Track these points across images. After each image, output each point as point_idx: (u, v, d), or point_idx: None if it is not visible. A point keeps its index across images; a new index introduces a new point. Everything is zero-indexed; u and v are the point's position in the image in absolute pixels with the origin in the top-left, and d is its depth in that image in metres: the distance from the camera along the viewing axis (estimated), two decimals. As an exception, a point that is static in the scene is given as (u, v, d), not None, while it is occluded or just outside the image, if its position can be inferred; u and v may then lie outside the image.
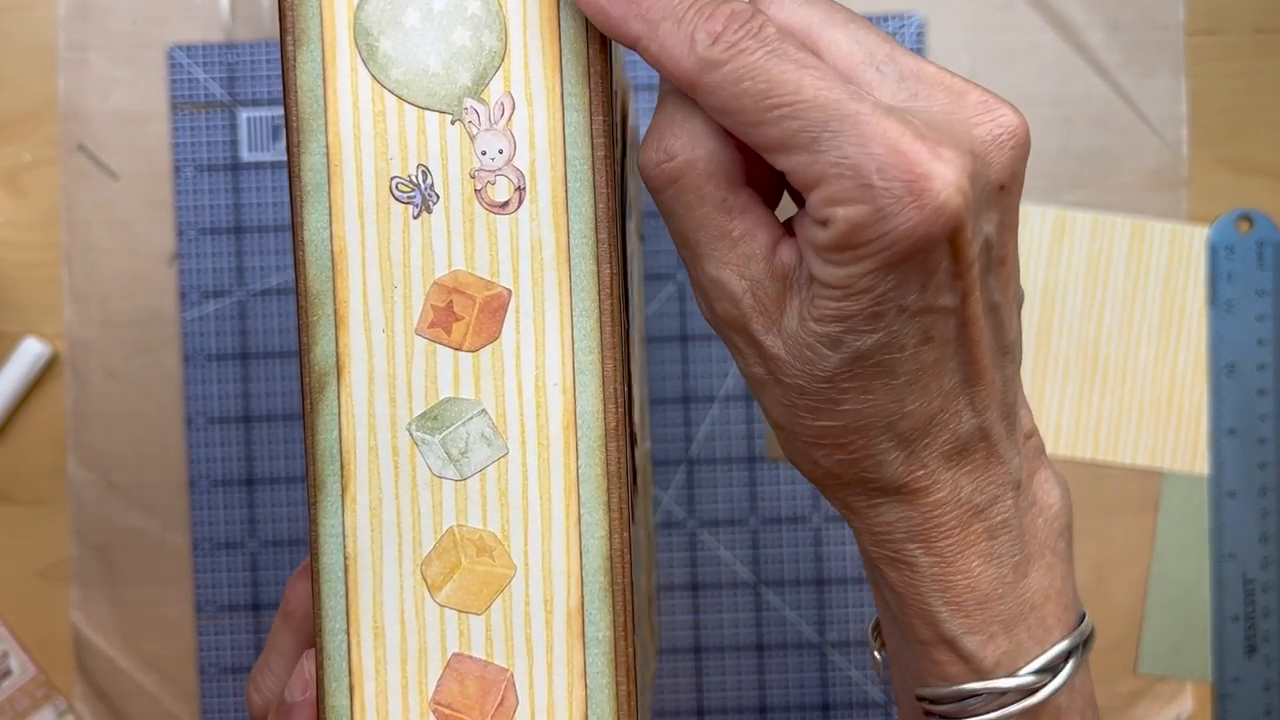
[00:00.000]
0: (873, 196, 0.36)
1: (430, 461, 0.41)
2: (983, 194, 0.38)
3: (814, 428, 0.41)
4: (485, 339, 0.41)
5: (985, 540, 0.42)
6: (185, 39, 0.68)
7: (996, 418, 0.42)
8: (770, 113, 0.37)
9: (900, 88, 0.39)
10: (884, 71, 0.39)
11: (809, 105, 0.37)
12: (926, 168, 0.36)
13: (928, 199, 0.36)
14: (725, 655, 0.69)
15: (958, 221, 0.37)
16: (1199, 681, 0.68)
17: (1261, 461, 0.67)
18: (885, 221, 0.36)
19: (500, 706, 0.41)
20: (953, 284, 0.38)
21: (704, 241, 0.40)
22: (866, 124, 0.36)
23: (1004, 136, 0.39)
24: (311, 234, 0.40)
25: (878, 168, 0.36)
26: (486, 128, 0.40)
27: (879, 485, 0.42)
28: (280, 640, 0.46)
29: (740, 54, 0.37)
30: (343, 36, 0.40)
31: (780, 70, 0.37)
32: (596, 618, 0.41)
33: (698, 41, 0.38)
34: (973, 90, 0.39)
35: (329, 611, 0.41)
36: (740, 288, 0.40)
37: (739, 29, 0.37)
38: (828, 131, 0.36)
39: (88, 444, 0.68)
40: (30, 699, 0.68)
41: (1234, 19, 0.68)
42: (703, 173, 0.39)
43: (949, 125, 0.38)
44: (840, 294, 0.38)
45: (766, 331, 0.40)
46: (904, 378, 0.39)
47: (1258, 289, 0.68)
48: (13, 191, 0.68)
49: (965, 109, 0.39)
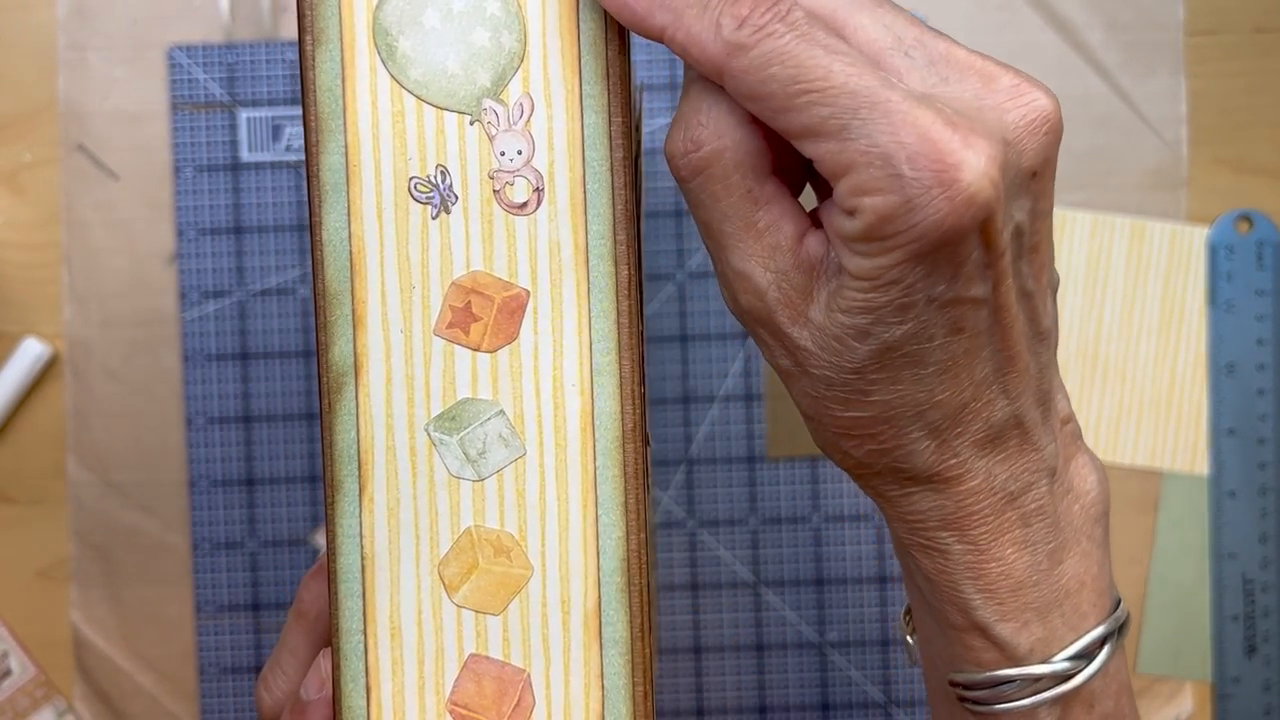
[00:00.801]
0: (902, 186, 0.36)
1: (448, 462, 0.41)
2: (1014, 181, 0.38)
3: (843, 419, 0.41)
4: (503, 340, 0.41)
5: (1019, 527, 0.42)
6: (185, 39, 0.68)
7: (1031, 404, 0.41)
8: (799, 98, 0.37)
9: (930, 72, 0.39)
10: (913, 56, 0.39)
11: (838, 91, 0.36)
12: (957, 157, 0.36)
13: (958, 189, 0.36)
14: (725, 655, 0.69)
15: (988, 211, 0.36)
16: (1199, 681, 0.69)
17: (1261, 461, 0.68)
18: (914, 212, 0.36)
19: (517, 707, 0.41)
20: (984, 274, 0.38)
21: (729, 233, 0.40)
22: (897, 112, 0.36)
23: (1036, 121, 0.39)
24: (330, 234, 0.40)
25: (908, 156, 0.36)
26: (505, 129, 0.40)
27: (910, 474, 0.41)
28: (292, 640, 0.46)
29: (768, 38, 0.37)
30: (362, 36, 0.40)
31: (809, 55, 0.37)
32: (614, 618, 0.41)
33: (724, 26, 0.37)
34: (1005, 73, 0.39)
35: (346, 612, 0.41)
36: (766, 280, 0.40)
37: (766, 12, 0.37)
38: (857, 119, 0.36)
39: (88, 444, 0.68)
40: (30, 699, 0.68)
41: (1234, 19, 0.68)
42: (730, 163, 0.39)
43: (980, 112, 0.38)
44: (868, 285, 0.37)
45: (793, 323, 0.40)
46: (933, 368, 0.39)
47: (1257, 289, 0.68)
48: (13, 191, 0.68)
49: (997, 94, 0.39)
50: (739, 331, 0.68)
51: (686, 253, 0.68)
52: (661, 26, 0.39)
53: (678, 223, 0.68)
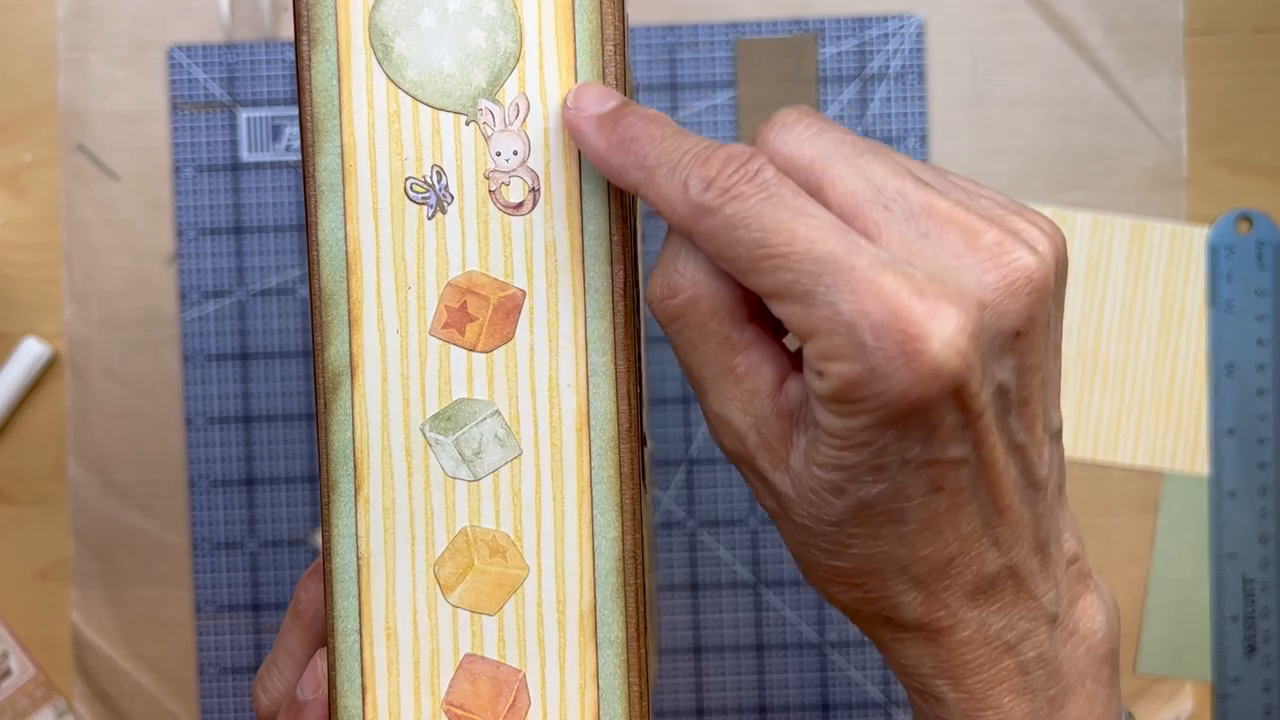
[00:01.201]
0: (865, 355, 0.35)
1: (444, 462, 0.41)
2: (993, 343, 0.37)
3: (827, 566, 0.40)
4: (499, 340, 0.41)
5: (1017, 676, 0.41)
6: (185, 39, 0.68)
7: (1027, 554, 0.40)
8: (764, 262, 0.36)
9: (909, 226, 0.37)
10: (892, 209, 0.37)
11: (802, 257, 0.35)
12: (921, 328, 0.35)
13: (922, 361, 0.35)
14: (725, 655, 0.69)
15: (957, 381, 0.35)
16: (1199, 681, 0.68)
17: (1261, 461, 0.68)
18: (879, 381, 0.35)
19: (512, 707, 0.41)
20: (962, 434, 0.37)
21: (708, 377, 0.40)
22: (861, 279, 0.35)
23: (1018, 282, 0.37)
24: (326, 234, 0.40)
25: (870, 326, 0.35)
26: (501, 129, 0.40)
27: (900, 623, 0.40)
28: (289, 640, 0.46)
29: (733, 200, 0.36)
30: (358, 36, 0.40)
31: (775, 218, 0.36)
32: (609, 619, 0.41)
33: (691, 187, 0.37)
34: (988, 229, 0.37)
35: (341, 612, 0.41)
36: (745, 424, 0.39)
37: (734, 173, 0.37)
38: (821, 285, 0.35)
39: (88, 444, 0.68)
40: (30, 699, 0.68)
41: (1234, 19, 0.68)
42: (706, 310, 0.39)
43: (956, 273, 0.37)
44: (840, 443, 0.37)
45: (773, 469, 0.39)
46: (914, 525, 0.38)
47: (1257, 289, 0.68)
48: (13, 191, 0.68)
49: (977, 252, 0.37)
50: (739, 331, 0.68)
51: (686, 253, 0.68)
52: (635, 184, 0.39)
53: (677, 223, 0.68)
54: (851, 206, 0.37)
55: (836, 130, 0.39)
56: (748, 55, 0.67)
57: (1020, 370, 0.38)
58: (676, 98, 0.67)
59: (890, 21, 0.68)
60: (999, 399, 0.38)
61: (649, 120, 0.39)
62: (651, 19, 0.67)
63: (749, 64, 0.67)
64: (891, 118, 0.68)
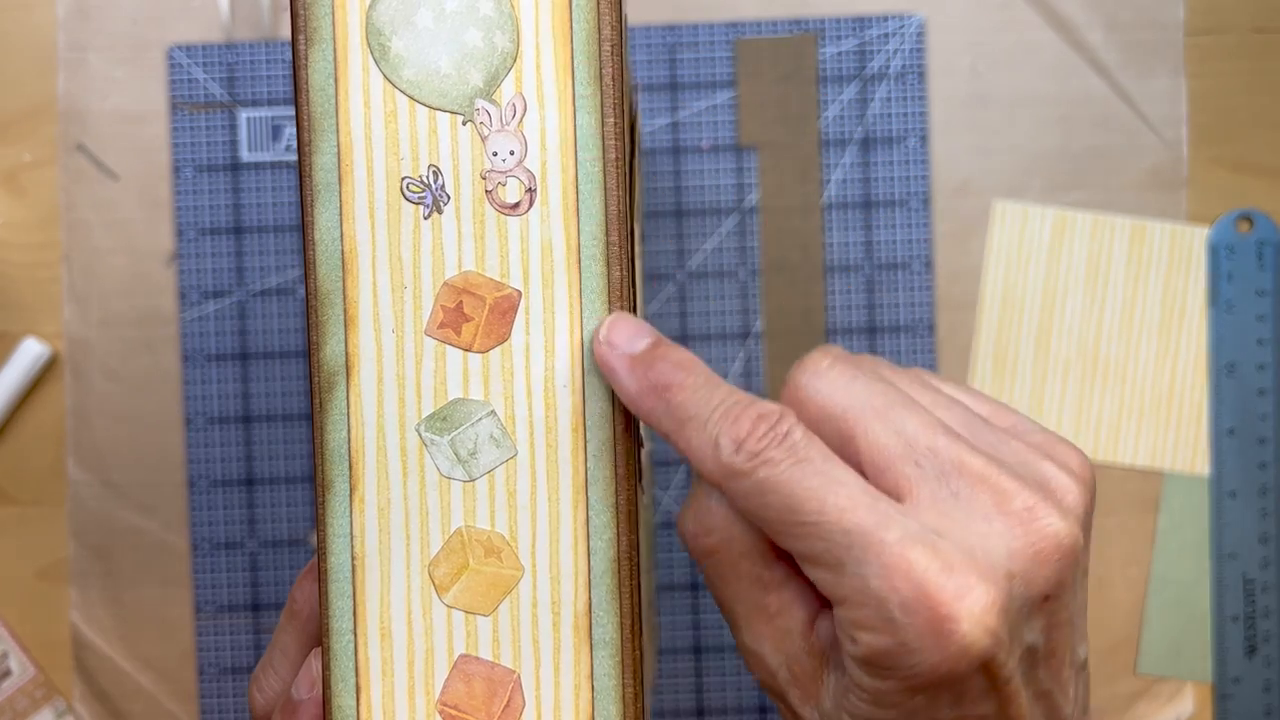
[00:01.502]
0: (895, 630, 0.35)
1: (439, 462, 0.41)
2: (1021, 610, 0.37)
3: None
4: (495, 340, 0.41)
5: None
6: (185, 39, 0.68)
7: None
8: (795, 528, 0.37)
9: (940, 485, 0.38)
10: (923, 466, 0.38)
11: (833, 528, 0.36)
12: (950, 608, 0.35)
13: (953, 640, 0.35)
14: (725, 655, 0.69)
15: (987, 656, 0.36)
16: (1199, 682, 0.68)
17: (1261, 461, 0.67)
18: (909, 655, 0.35)
19: (507, 708, 0.41)
20: (988, 695, 0.37)
21: (741, 613, 0.40)
22: (891, 554, 0.35)
23: (1047, 551, 0.37)
24: (322, 234, 0.40)
25: (900, 603, 0.35)
26: (498, 129, 0.40)
27: None
28: (284, 640, 0.46)
29: (763, 465, 0.37)
30: (355, 36, 0.40)
31: (804, 486, 0.36)
32: (604, 620, 0.41)
33: (722, 447, 0.37)
34: (1019, 492, 0.38)
35: (336, 612, 0.41)
36: (777, 660, 0.40)
37: (764, 436, 0.37)
38: (851, 557, 0.36)
39: (87, 444, 0.68)
40: (30, 699, 0.68)
41: (1234, 19, 0.68)
42: (737, 551, 0.39)
43: (985, 540, 0.37)
44: (869, 698, 0.37)
45: (803, 704, 0.40)
46: None
47: (1258, 289, 0.68)
48: (13, 191, 0.68)
49: (1008, 516, 0.37)
50: (739, 331, 0.68)
51: (686, 253, 0.68)
52: (665, 432, 0.39)
53: (678, 223, 0.68)
54: (883, 461, 0.38)
55: (867, 376, 0.39)
56: (748, 55, 0.67)
57: (1049, 627, 0.38)
58: (676, 97, 0.67)
59: (890, 21, 0.68)
60: (1026, 659, 0.38)
61: (680, 367, 0.39)
62: (651, 19, 0.67)
63: (749, 64, 0.67)
64: (891, 118, 0.68)
